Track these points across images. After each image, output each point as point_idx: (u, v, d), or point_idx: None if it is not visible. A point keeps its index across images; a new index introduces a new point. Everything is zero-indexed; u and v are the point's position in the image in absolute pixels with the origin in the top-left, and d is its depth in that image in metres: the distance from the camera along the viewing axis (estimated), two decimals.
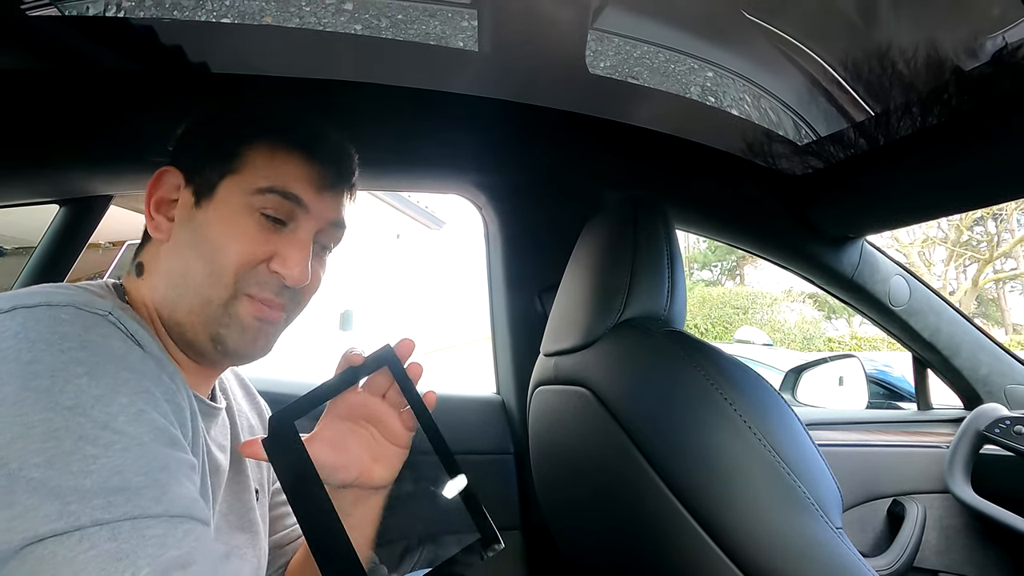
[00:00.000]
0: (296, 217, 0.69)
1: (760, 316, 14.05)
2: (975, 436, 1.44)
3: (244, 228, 0.66)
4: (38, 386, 0.47)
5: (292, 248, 0.68)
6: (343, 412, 0.72)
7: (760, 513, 0.67)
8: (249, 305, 0.67)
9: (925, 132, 1.15)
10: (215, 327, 0.66)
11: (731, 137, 1.37)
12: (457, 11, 1.01)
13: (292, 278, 0.67)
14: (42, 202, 1.18)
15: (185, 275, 0.66)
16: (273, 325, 0.70)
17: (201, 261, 0.65)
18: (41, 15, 0.94)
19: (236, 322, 0.66)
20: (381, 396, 0.72)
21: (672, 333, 0.80)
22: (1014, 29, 0.89)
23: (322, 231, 0.72)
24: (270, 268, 0.67)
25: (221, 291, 0.65)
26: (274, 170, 0.67)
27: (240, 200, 0.66)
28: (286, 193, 0.67)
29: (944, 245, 16.49)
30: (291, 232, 0.69)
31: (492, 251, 1.50)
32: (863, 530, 1.47)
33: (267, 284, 0.67)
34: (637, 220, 0.88)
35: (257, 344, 0.69)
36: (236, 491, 0.75)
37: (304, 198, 0.68)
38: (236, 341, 0.67)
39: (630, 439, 0.76)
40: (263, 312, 0.68)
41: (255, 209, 0.66)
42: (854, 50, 1.02)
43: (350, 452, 0.71)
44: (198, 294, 0.65)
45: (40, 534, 0.43)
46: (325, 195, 0.71)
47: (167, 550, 0.46)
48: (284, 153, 0.68)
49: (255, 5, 0.99)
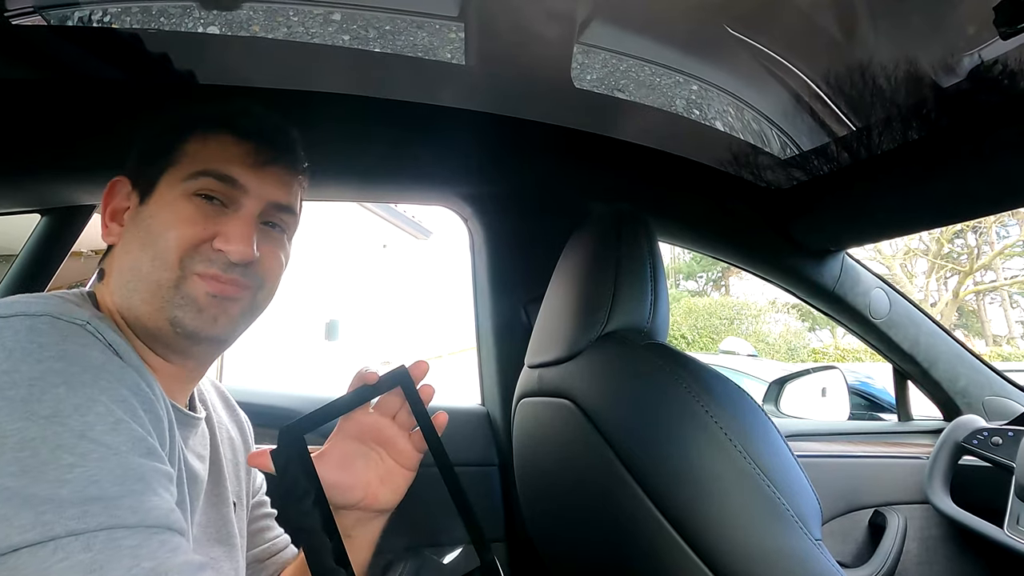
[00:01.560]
0: (237, 199, 0.69)
1: (745, 327, 14.14)
2: (954, 447, 1.46)
3: (183, 212, 0.66)
4: (14, 395, 0.47)
5: (233, 225, 0.68)
6: (353, 432, 0.73)
7: (740, 525, 0.67)
8: (200, 282, 0.66)
9: (905, 147, 1.17)
10: (170, 310, 0.65)
11: (714, 151, 1.39)
12: (444, 23, 1.01)
13: (236, 253, 0.67)
14: (24, 211, 1.17)
15: (134, 268, 0.66)
16: (232, 301, 0.69)
17: (147, 251, 0.65)
18: (25, 24, 0.93)
19: (190, 302, 0.66)
20: (391, 417, 0.73)
21: (654, 346, 0.80)
22: (989, 47, 0.91)
23: (267, 212, 0.72)
24: (214, 247, 0.67)
25: (168, 273, 0.65)
26: (207, 154, 0.68)
27: (178, 189, 0.67)
28: (219, 174, 0.68)
29: (926, 257, 16.70)
30: (234, 211, 0.69)
31: (477, 263, 1.50)
32: (845, 541, 1.48)
33: (213, 262, 0.67)
34: (621, 233, 0.88)
35: (218, 323, 0.68)
36: (214, 503, 0.75)
37: (239, 178, 0.69)
38: (194, 321, 0.66)
39: (613, 451, 0.76)
40: (215, 287, 0.67)
41: (191, 193, 0.67)
42: (836, 66, 1.04)
43: (357, 472, 0.71)
44: (147, 281, 0.65)
45: (13, 544, 0.43)
46: (263, 173, 0.71)
47: (141, 561, 0.46)
48: (216, 137, 0.70)
49: (242, 15, 0.99)
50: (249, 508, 0.87)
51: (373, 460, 0.73)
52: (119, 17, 0.96)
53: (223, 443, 0.81)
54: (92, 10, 0.94)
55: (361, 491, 0.71)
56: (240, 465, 0.85)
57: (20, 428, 0.46)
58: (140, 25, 0.98)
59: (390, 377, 0.70)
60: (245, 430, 0.91)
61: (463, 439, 1.41)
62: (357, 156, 1.28)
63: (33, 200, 1.17)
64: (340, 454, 0.72)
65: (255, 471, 0.91)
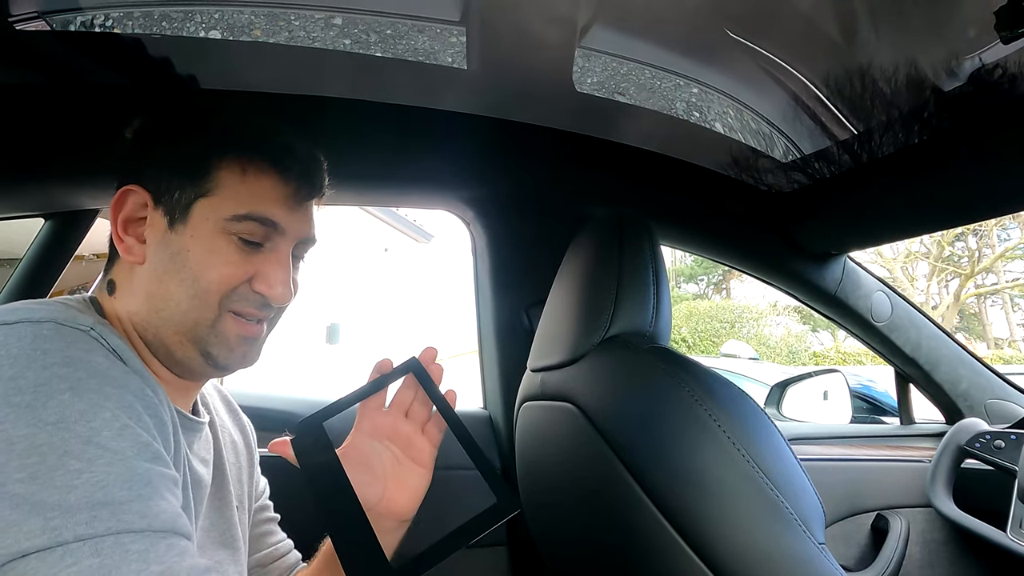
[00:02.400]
0: (273, 238, 0.69)
1: (747, 330, 14.12)
2: (956, 451, 1.46)
3: (223, 253, 0.66)
4: (20, 402, 0.47)
5: (272, 267, 0.69)
6: (369, 429, 0.77)
7: (743, 529, 0.67)
8: (233, 323, 0.68)
9: (907, 151, 1.17)
10: (204, 346, 0.67)
11: (715, 155, 1.39)
12: (446, 28, 1.02)
13: (276, 297, 0.69)
14: (28, 215, 1.17)
15: (167, 299, 0.66)
16: (258, 339, 0.71)
17: (183, 287, 0.65)
18: (29, 29, 0.93)
19: (223, 341, 0.67)
20: (405, 414, 0.77)
21: (657, 349, 0.80)
22: (990, 50, 0.91)
23: (296, 247, 0.73)
24: (253, 288, 0.68)
25: (207, 313, 0.66)
26: (248, 193, 0.67)
27: (216, 225, 0.66)
28: (263, 219, 0.67)
29: (927, 260, 16.68)
30: (270, 251, 0.69)
31: (479, 266, 1.50)
32: (847, 545, 1.48)
33: (250, 301, 0.68)
34: (623, 237, 0.88)
35: (247, 357, 0.71)
36: (218, 506, 0.75)
37: (280, 222, 0.69)
38: (227, 358, 0.68)
39: (616, 455, 0.76)
40: (247, 330, 0.69)
41: (232, 233, 0.66)
42: (837, 69, 1.04)
43: (375, 470, 0.75)
44: (185, 318, 0.66)
45: (23, 550, 0.43)
46: (299, 211, 0.71)
47: (150, 565, 0.46)
48: (256, 171, 0.68)
49: (244, 19, 0.99)
50: (252, 512, 0.87)
51: (389, 458, 0.76)
52: (121, 22, 0.97)
53: (226, 447, 0.82)
54: (94, 15, 0.94)
55: (380, 488, 0.74)
56: (243, 469, 0.86)
57: (27, 435, 0.46)
58: (142, 30, 0.98)
59: (403, 366, 0.75)
60: (248, 434, 0.92)
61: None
62: (359, 160, 1.28)
63: (36, 204, 1.17)
64: (358, 452, 0.75)
65: (258, 475, 0.92)
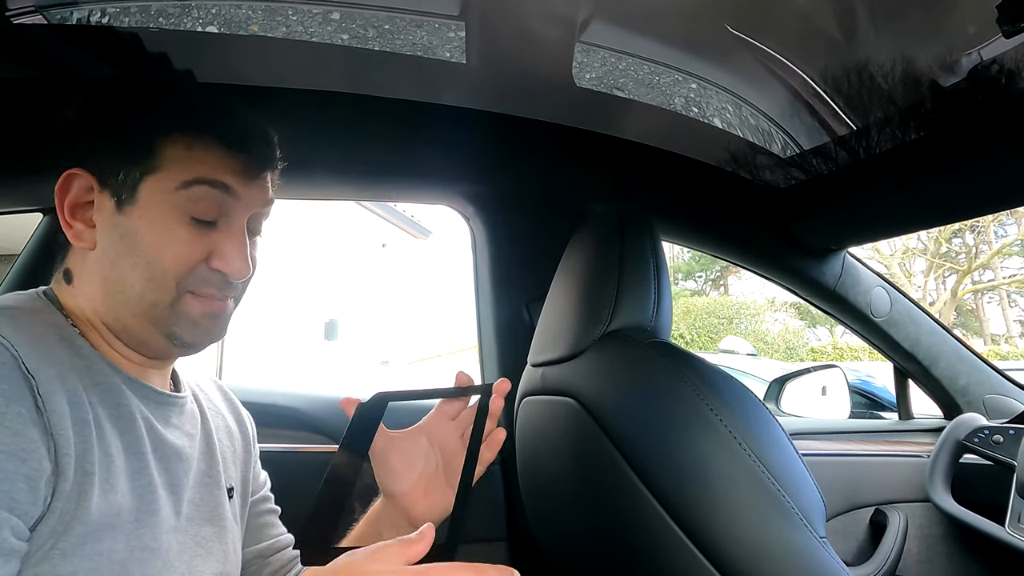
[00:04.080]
0: (227, 210, 0.68)
1: (744, 326, 14.16)
2: (955, 446, 1.46)
3: (176, 232, 0.65)
4: None
5: (229, 243, 0.68)
6: (429, 430, 0.82)
7: (745, 522, 0.67)
8: (194, 302, 0.67)
9: (905, 147, 1.17)
10: (166, 326, 0.66)
11: (716, 150, 1.39)
12: (444, 22, 1.01)
13: (234, 272, 0.68)
14: (26, 210, 1.17)
15: (123, 284, 0.65)
16: (224, 315, 0.71)
17: (138, 270, 0.65)
18: (26, 23, 0.93)
19: (186, 319, 0.67)
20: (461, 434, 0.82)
21: (658, 344, 0.80)
22: (989, 46, 0.91)
23: (251, 220, 0.72)
24: (210, 266, 0.67)
25: (164, 295, 0.65)
26: (196, 163, 0.66)
27: (166, 200, 0.65)
28: (214, 182, 0.66)
29: (924, 257, 16.73)
30: (224, 227, 0.68)
31: (479, 262, 1.50)
32: (846, 539, 1.48)
33: (209, 281, 0.67)
34: (624, 232, 0.88)
35: (213, 334, 0.71)
36: (207, 483, 0.75)
37: (235, 187, 0.68)
38: (191, 336, 0.68)
39: (617, 449, 0.76)
40: (210, 307, 0.68)
41: (183, 208, 0.65)
42: (836, 65, 1.04)
43: (414, 466, 0.80)
44: (142, 300, 0.65)
45: None
46: (252, 184, 0.70)
47: None
48: (202, 146, 0.66)
49: (241, 14, 0.99)
50: (250, 502, 0.88)
51: (431, 463, 0.81)
52: (118, 17, 0.96)
53: (218, 430, 0.82)
54: (91, 9, 0.94)
55: (408, 484, 0.79)
56: (238, 454, 0.86)
57: None
58: (139, 24, 0.98)
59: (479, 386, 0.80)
60: (246, 425, 0.92)
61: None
62: (357, 155, 1.28)
63: (34, 199, 1.17)
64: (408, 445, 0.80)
65: (258, 468, 0.92)
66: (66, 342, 0.62)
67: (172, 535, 0.65)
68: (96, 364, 0.64)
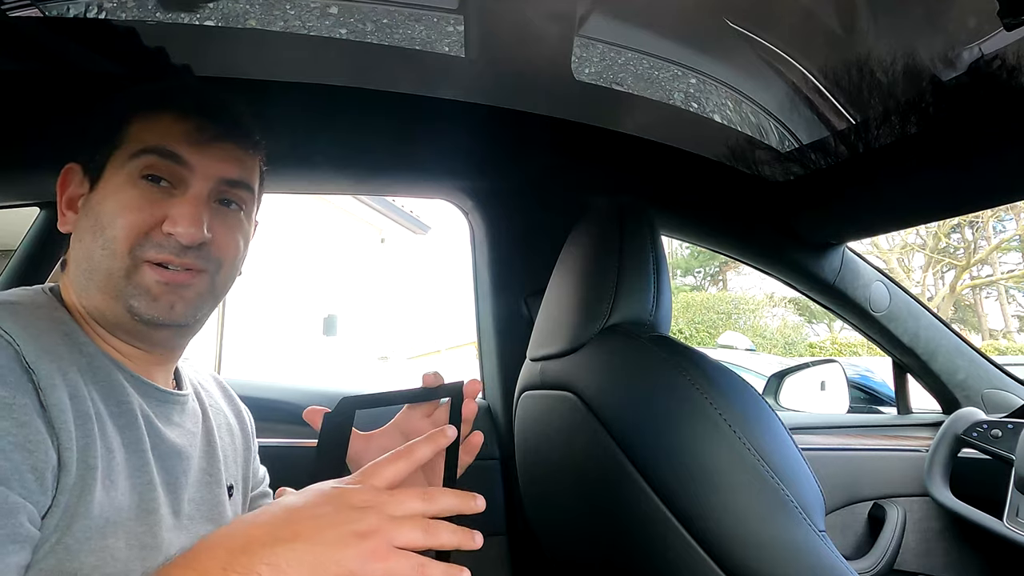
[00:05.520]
0: (183, 178, 0.68)
1: (743, 321, 14.15)
2: (953, 440, 1.46)
3: (129, 197, 0.66)
4: None
5: (182, 207, 0.67)
6: (405, 429, 0.79)
7: (745, 517, 0.68)
8: (151, 271, 0.66)
9: (905, 141, 1.17)
10: (125, 299, 0.65)
11: (715, 145, 1.38)
12: (443, 16, 1.01)
13: (185, 235, 0.66)
14: (23, 205, 1.17)
15: (88, 257, 0.66)
16: (186, 287, 0.68)
17: (96, 239, 0.65)
18: (23, 16, 0.92)
19: (143, 291, 0.66)
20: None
21: (658, 338, 0.80)
22: (990, 40, 0.90)
23: (219, 190, 0.71)
24: (163, 231, 0.66)
25: (118, 262, 0.65)
26: (151, 133, 0.68)
27: (123, 171, 0.67)
28: (161, 150, 0.67)
29: (922, 251, 16.72)
30: (181, 193, 0.68)
31: (478, 256, 1.50)
32: (844, 533, 1.49)
33: (164, 247, 0.66)
34: (623, 226, 0.88)
35: (175, 309, 0.68)
36: (207, 482, 0.75)
37: (183, 154, 0.67)
38: (150, 309, 0.66)
39: (616, 443, 0.76)
40: (166, 276, 0.67)
41: (137, 176, 0.66)
42: (836, 60, 1.04)
43: None
44: (100, 271, 0.65)
45: None
46: (209, 149, 0.69)
47: None
48: (156, 115, 0.69)
49: (239, 8, 0.98)
50: (249, 498, 0.88)
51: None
52: (115, 12, 0.96)
53: (220, 428, 0.82)
54: (88, 3, 0.93)
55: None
56: (238, 452, 0.86)
57: None
58: (136, 17, 0.97)
59: (448, 387, 0.75)
60: (245, 420, 0.92)
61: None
62: (357, 149, 1.27)
63: (31, 194, 1.16)
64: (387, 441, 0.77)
65: (256, 463, 0.93)
66: (69, 338, 0.63)
67: (172, 533, 0.65)
68: (98, 361, 0.64)
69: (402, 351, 10.25)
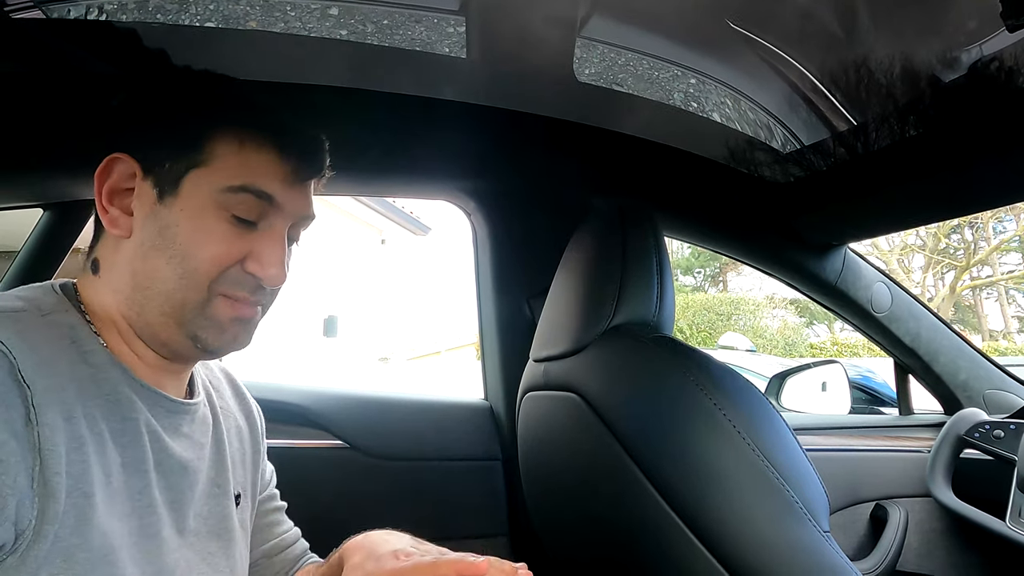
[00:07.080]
0: (268, 215, 0.66)
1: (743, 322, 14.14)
2: (955, 441, 1.46)
3: (216, 230, 0.63)
4: None
5: (267, 247, 0.66)
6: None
7: (749, 517, 0.68)
8: (225, 305, 0.65)
9: (906, 142, 1.17)
10: (192, 329, 0.64)
11: (716, 145, 1.38)
12: (443, 17, 1.01)
13: (270, 279, 0.66)
14: (26, 206, 1.17)
15: (153, 278, 0.63)
16: (252, 321, 0.69)
17: (172, 264, 0.62)
18: (25, 18, 0.92)
19: (213, 323, 0.65)
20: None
21: (662, 339, 0.80)
22: (990, 41, 0.90)
23: (293, 225, 0.70)
24: (245, 269, 0.65)
25: (195, 294, 0.63)
26: (245, 166, 0.64)
27: (209, 197, 0.63)
28: (259, 192, 0.64)
29: (922, 252, 16.72)
30: (265, 230, 0.66)
31: (481, 257, 1.50)
32: (846, 534, 1.49)
33: (242, 284, 0.65)
34: (626, 227, 0.88)
35: (238, 340, 0.68)
36: (215, 494, 0.73)
37: (277, 196, 0.66)
38: (216, 340, 0.65)
39: (620, 444, 0.76)
40: (240, 311, 0.66)
41: (225, 207, 0.63)
42: (836, 61, 1.04)
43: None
44: (170, 298, 0.63)
45: None
46: (296, 189, 0.68)
47: None
48: (254, 146, 0.65)
49: (239, 9, 0.98)
50: (257, 502, 0.86)
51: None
52: (115, 14, 0.96)
53: (230, 432, 0.79)
54: (89, 4, 0.93)
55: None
56: (247, 455, 0.83)
57: None
58: (137, 19, 0.97)
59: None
60: (255, 420, 0.89)
61: (466, 434, 1.41)
62: (358, 150, 1.27)
63: (35, 195, 1.17)
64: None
65: (265, 463, 0.90)
66: (76, 346, 0.59)
67: (177, 553, 0.64)
68: (104, 372, 0.60)
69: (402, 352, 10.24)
